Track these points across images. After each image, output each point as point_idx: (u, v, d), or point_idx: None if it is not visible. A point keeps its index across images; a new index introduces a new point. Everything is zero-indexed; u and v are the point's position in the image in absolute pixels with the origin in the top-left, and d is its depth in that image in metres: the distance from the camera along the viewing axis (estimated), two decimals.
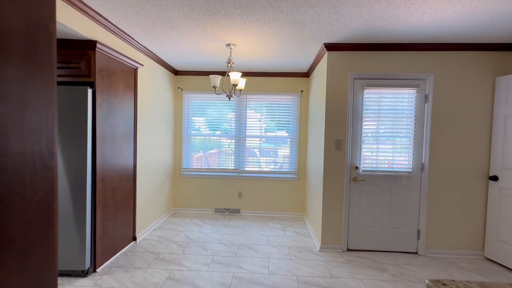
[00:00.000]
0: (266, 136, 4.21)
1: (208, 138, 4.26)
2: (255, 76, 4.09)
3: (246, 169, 4.21)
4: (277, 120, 4.19)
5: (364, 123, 2.87)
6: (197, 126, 4.26)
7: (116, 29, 2.48)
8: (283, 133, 4.20)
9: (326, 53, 2.87)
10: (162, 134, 3.74)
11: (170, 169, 4.10)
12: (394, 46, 2.76)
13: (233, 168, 4.22)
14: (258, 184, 4.18)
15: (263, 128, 4.21)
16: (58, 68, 2.28)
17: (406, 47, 2.75)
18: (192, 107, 4.22)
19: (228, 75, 3.87)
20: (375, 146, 2.89)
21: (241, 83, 2.96)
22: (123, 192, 2.76)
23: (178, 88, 4.20)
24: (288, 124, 4.16)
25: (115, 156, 2.59)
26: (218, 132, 4.25)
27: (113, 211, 2.59)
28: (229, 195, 4.21)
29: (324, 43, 2.78)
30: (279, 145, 4.22)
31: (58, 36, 2.17)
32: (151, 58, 3.28)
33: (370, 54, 2.82)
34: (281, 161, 4.23)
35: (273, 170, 4.23)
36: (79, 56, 2.26)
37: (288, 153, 4.20)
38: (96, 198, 2.32)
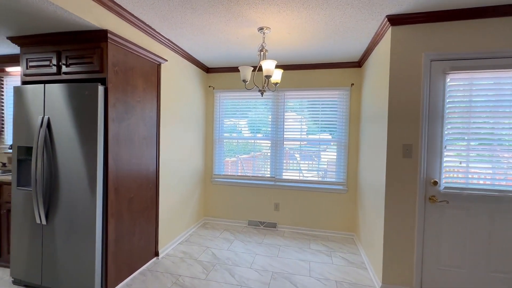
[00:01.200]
0: (307, 139, 3.59)
1: (242, 141, 3.82)
2: (294, 70, 3.51)
3: (284, 177, 3.65)
4: (321, 120, 3.53)
5: (446, 122, 2.07)
6: (230, 128, 3.86)
7: (134, 19, 2.18)
8: (327, 136, 3.52)
9: (390, 29, 2.16)
10: (191, 136, 3.41)
11: (201, 175, 3.76)
12: (493, 10, 1.92)
13: (269, 176, 3.70)
14: (298, 195, 3.58)
15: (304, 129, 3.59)
16: (71, 64, 2.05)
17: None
18: (225, 106, 3.83)
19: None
20: (464, 154, 2.06)
21: (276, 74, 2.43)
22: (142, 202, 2.45)
23: (210, 86, 3.85)
24: (334, 124, 3.47)
25: (133, 162, 2.29)
26: (253, 135, 3.78)
27: (130, 224, 2.29)
28: (265, 207, 3.69)
29: (386, 15, 2.09)
30: (323, 150, 3.55)
31: (68, 28, 1.94)
32: (179, 53, 2.97)
33: (455, 25, 2.02)
34: (325, 168, 3.56)
35: (316, 179, 3.57)
36: (91, 50, 2.00)
37: (334, 160, 3.50)
38: (108, 210, 2.03)
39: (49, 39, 2.07)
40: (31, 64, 2.16)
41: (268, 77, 2.23)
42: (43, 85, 2.04)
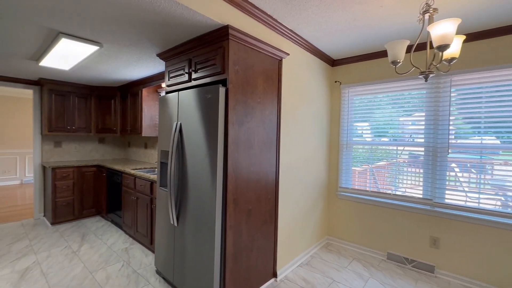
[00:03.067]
0: (495, 146, 2.28)
1: (378, 148, 2.96)
2: (474, 41, 2.32)
3: (446, 201, 2.49)
4: None
5: None
6: (362, 130, 3.09)
7: (252, 8, 1.95)
8: None
9: None
10: (313, 141, 2.93)
11: (323, 187, 3.20)
12: None
13: (421, 197, 2.64)
14: (472, 230, 2.34)
15: (486, 132, 2.31)
16: (199, 70, 2.05)
17: None
18: (355, 104, 3.11)
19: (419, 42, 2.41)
20: None
21: (456, 44, 1.53)
22: (261, 215, 2.18)
23: (336, 82, 3.25)
24: None
25: (251, 171, 2.06)
26: (394, 139, 2.84)
27: (248, 239, 2.06)
28: (415, 239, 2.66)
29: None
30: None
31: (194, 32, 1.93)
32: (300, 45, 2.57)
33: None
34: None
35: (507, 211, 2.21)
36: (214, 51, 1.91)
37: None
38: (226, 222, 1.86)
39: (182, 49, 2.17)
40: (171, 75, 2.36)
41: (443, 48, 1.40)
42: (177, 93, 2.15)
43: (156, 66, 2.95)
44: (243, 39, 1.90)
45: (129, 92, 3.93)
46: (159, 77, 3.30)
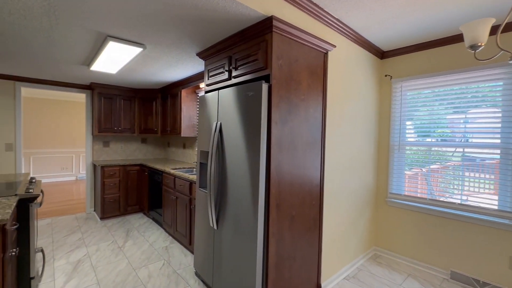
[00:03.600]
0: None
1: (436, 149, 2.58)
2: None
3: None
4: None
5: None
6: (417, 129, 2.72)
7: None
8: None
9: None
10: (360, 142, 2.66)
11: (371, 192, 2.90)
12: None
13: (496, 208, 2.22)
14: None
15: None
16: (239, 66, 1.96)
17: None
18: (409, 100, 2.76)
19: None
20: None
21: None
22: (304, 222, 2.01)
23: (386, 76, 2.92)
24: None
25: (295, 174, 1.90)
26: (456, 138, 2.44)
27: (291, 247, 1.90)
28: (488, 258, 2.25)
29: None
30: None
31: (236, 27, 1.83)
32: (347, 36, 2.34)
33: None
34: None
35: None
36: (256, 45, 1.80)
37: None
38: (269, 229, 1.73)
39: (222, 46, 2.10)
40: (210, 74, 2.31)
41: None
42: (217, 91, 2.08)
43: (195, 66, 2.95)
44: (287, 31, 1.76)
45: (169, 93, 4.04)
46: (198, 77, 3.31)
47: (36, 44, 2.29)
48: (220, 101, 2.04)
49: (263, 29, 1.73)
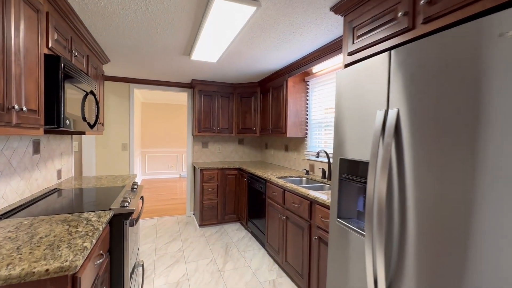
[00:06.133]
0: None
1: None
2: None
3: None
4: None
5: None
6: None
7: None
8: None
9: None
10: None
11: None
12: None
13: None
14: None
15: None
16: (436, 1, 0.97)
17: None
18: None
19: None
20: None
21: None
22: None
23: None
24: None
25: None
26: None
27: None
28: None
29: None
30: None
31: None
32: None
33: None
34: None
35: None
36: None
37: None
38: None
39: None
40: (359, 32, 1.41)
41: None
42: (386, 53, 1.15)
43: (317, 37, 2.10)
44: None
45: (271, 85, 3.39)
46: (310, 58, 2.47)
47: (135, 22, 1.96)
48: (396, 71, 1.10)
49: None
